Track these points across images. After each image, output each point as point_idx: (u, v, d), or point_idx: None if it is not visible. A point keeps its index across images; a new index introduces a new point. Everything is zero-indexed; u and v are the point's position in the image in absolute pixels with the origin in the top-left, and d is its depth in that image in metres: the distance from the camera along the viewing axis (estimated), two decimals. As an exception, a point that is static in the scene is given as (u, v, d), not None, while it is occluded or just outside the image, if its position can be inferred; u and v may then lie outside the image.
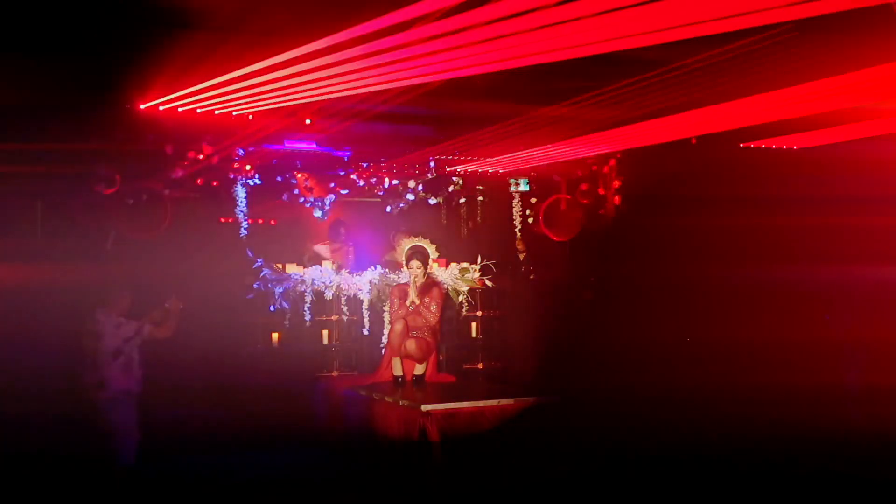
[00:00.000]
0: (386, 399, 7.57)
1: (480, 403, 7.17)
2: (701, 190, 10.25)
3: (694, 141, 9.62)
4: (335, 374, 9.54)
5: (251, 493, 7.29)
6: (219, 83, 7.47)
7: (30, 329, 8.04)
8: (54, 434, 7.37)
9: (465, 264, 10.01)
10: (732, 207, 10.39)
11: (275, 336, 9.57)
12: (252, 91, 7.59)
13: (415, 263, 8.42)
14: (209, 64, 7.22)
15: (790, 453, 7.86)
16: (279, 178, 10.08)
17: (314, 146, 9.77)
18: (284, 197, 10.22)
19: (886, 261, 9.94)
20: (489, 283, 10.03)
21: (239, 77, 7.26)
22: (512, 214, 11.09)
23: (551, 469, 7.24)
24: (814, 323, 10.05)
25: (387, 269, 9.75)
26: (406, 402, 7.24)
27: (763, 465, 7.66)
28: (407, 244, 8.66)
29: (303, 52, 6.58)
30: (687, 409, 9.34)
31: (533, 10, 5.58)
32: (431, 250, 8.65)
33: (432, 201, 10.83)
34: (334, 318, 9.68)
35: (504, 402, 7.25)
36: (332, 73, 6.90)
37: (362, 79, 7.06)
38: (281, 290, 9.35)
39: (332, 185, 10.29)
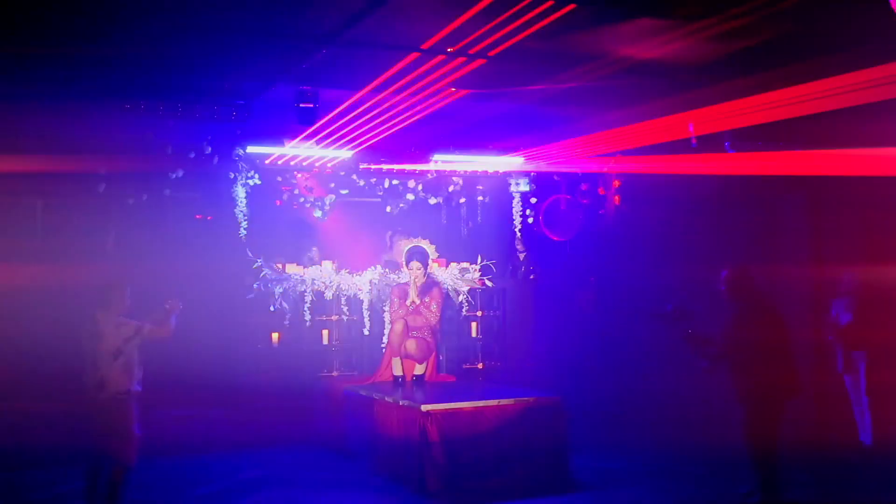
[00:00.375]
0: (386, 399, 7.57)
1: (480, 403, 7.18)
2: (701, 190, 10.24)
3: (694, 141, 9.61)
4: (335, 374, 9.54)
5: (251, 493, 7.29)
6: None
7: (30, 329, 8.05)
8: (54, 434, 7.38)
9: (465, 264, 10.02)
10: (732, 207, 10.38)
11: (275, 336, 9.58)
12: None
13: (415, 264, 8.43)
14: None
15: (791, 454, 7.86)
16: (279, 178, 10.08)
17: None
18: (284, 197, 10.21)
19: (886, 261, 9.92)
20: (489, 283, 10.04)
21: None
22: (512, 214, 11.09)
23: (551, 469, 7.24)
24: (814, 323, 10.02)
25: (387, 269, 9.75)
26: (406, 402, 7.25)
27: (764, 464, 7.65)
28: (406, 245, 8.66)
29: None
30: (687, 408, 9.34)
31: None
32: (431, 251, 8.66)
33: (432, 201, 10.83)
34: (334, 318, 9.69)
35: (504, 402, 7.25)
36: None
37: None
38: (281, 290, 9.36)
39: (332, 185, 10.28)
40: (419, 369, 8.45)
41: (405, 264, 8.57)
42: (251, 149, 9.51)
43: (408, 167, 10.38)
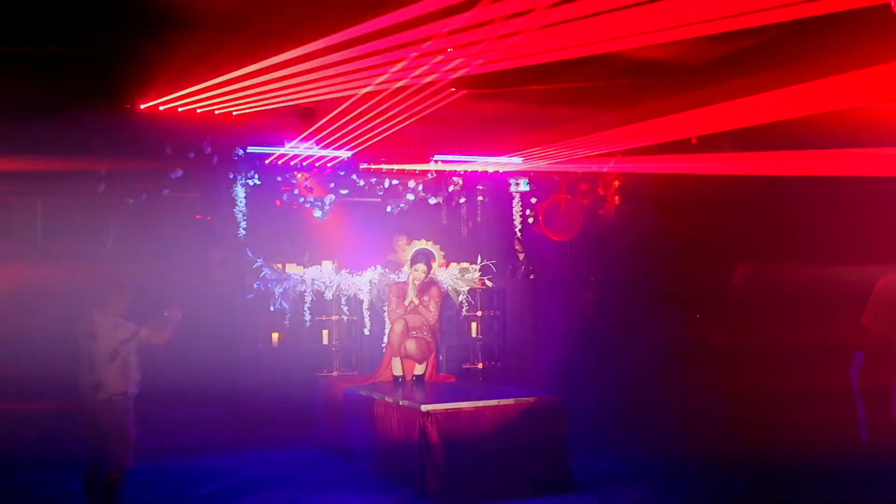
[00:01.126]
0: (386, 399, 7.57)
1: (480, 403, 7.17)
2: (701, 189, 10.24)
3: (694, 141, 9.61)
4: (335, 374, 9.55)
5: (251, 493, 7.29)
6: (219, 83, 7.46)
7: (29, 329, 8.05)
8: (53, 434, 7.38)
9: (465, 264, 10.02)
10: (732, 207, 10.37)
11: (275, 336, 9.58)
12: (252, 91, 7.58)
13: (420, 266, 8.43)
14: (209, 64, 7.21)
15: (790, 454, 7.86)
16: (279, 178, 10.08)
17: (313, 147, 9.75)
18: (284, 197, 10.22)
19: (886, 261, 9.91)
20: (489, 283, 10.04)
21: (239, 77, 7.25)
22: (512, 214, 11.09)
23: (551, 469, 7.24)
24: (814, 323, 10.02)
25: (387, 270, 9.75)
26: (406, 402, 7.24)
27: (763, 466, 7.66)
28: (414, 246, 8.66)
29: (303, 53, 6.58)
30: (686, 409, 9.34)
31: (532, 10, 5.57)
32: (439, 257, 8.68)
33: (432, 201, 10.83)
34: (334, 318, 9.69)
35: (504, 402, 7.25)
36: (332, 72, 6.89)
37: (362, 79, 7.06)
38: (281, 290, 9.36)
39: (332, 185, 10.29)
40: (419, 369, 8.45)
41: (410, 264, 8.56)
42: (251, 149, 9.52)
43: (408, 167, 10.40)
